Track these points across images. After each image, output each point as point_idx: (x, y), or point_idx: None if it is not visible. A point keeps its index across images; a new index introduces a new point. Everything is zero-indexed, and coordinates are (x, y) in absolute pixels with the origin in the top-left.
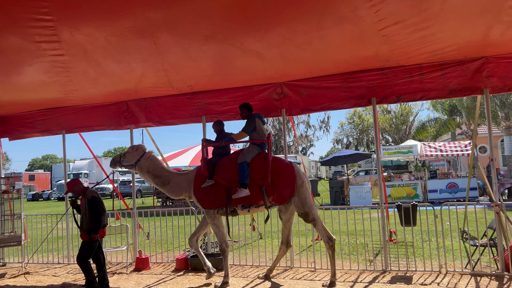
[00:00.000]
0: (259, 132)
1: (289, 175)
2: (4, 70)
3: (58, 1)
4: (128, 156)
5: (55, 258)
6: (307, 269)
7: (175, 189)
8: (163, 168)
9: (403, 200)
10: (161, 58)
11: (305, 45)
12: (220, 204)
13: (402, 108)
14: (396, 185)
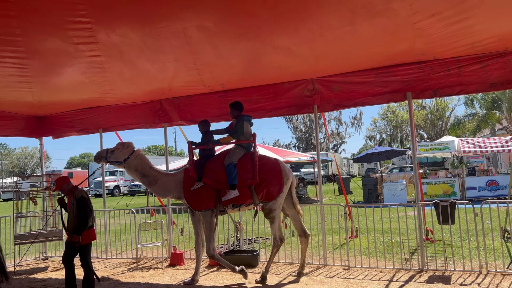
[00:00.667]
0: (246, 135)
1: (276, 173)
2: (45, 71)
3: (95, 4)
4: (117, 153)
5: (93, 252)
6: (341, 267)
7: (162, 189)
8: (151, 167)
9: (439, 198)
10: (194, 57)
11: (337, 40)
12: (210, 205)
13: (438, 103)
14: (432, 182)
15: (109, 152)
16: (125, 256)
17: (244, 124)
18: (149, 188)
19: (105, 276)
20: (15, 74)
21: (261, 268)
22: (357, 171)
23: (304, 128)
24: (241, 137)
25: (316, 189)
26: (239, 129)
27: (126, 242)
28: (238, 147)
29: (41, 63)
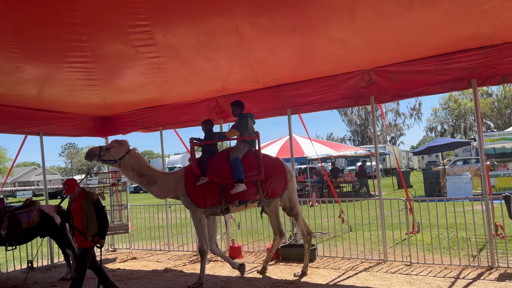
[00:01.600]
0: (249, 131)
1: (281, 170)
2: (109, 74)
3: (153, 6)
4: (112, 151)
5: (157, 245)
6: (402, 263)
7: (162, 189)
8: (149, 167)
9: (510, 191)
10: (247, 54)
11: (395, 28)
12: (215, 202)
13: (506, 90)
14: (501, 174)
15: (103, 150)
16: (186, 248)
17: (248, 121)
18: (147, 189)
19: (168, 267)
20: (83, 78)
21: (319, 263)
22: (417, 164)
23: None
24: (245, 133)
25: (374, 184)
26: (243, 124)
27: (187, 235)
28: (242, 143)
29: (106, 66)
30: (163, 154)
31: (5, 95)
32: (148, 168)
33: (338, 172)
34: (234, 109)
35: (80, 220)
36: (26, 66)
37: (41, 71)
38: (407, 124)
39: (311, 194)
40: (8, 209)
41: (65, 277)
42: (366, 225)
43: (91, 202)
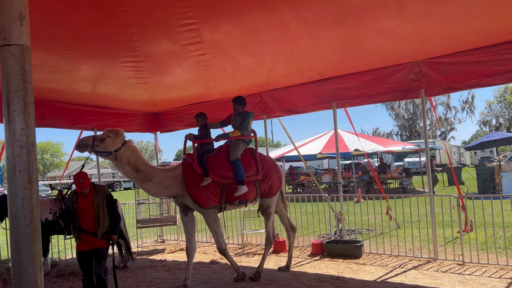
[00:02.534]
0: (248, 131)
1: (276, 169)
2: (158, 72)
3: (201, 5)
4: (107, 142)
5: (203, 237)
6: (454, 262)
7: (159, 187)
8: (145, 162)
9: None
10: (292, 48)
11: (446, 17)
12: (217, 202)
13: None
14: None
15: (97, 140)
16: (231, 241)
17: (250, 121)
18: (142, 186)
19: (215, 259)
20: (134, 76)
21: (365, 259)
22: (469, 160)
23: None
24: (245, 133)
25: (423, 180)
26: (246, 125)
27: (232, 229)
28: (241, 142)
29: (155, 65)
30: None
31: (63, 93)
32: (144, 163)
33: (386, 167)
34: (236, 106)
35: (91, 218)
36: (82, 66)
37: (96, 70)
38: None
39: (356, 190)
40: (66, 200)
41: (118, 266)
42: (414, 222)
43: (104, 196)
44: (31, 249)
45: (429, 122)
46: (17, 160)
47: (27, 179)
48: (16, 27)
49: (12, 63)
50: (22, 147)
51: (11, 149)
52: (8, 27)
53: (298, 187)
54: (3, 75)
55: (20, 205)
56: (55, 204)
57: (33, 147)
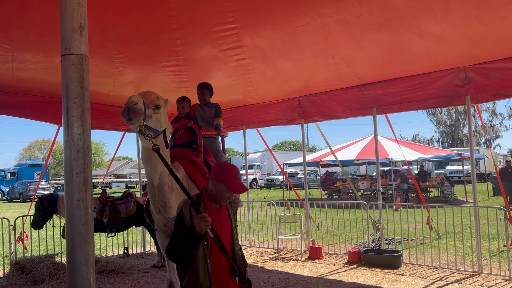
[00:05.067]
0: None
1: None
2: (199, 76)
3: (242, 9)
4: (161, 116)
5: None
6: (500, 277)
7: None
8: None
9: None
10: (332, 52)
11: (497, 21)
12: None
13: None
14: None
15: (150, 107)
16: (266, 245)
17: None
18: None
19: (250, 263)
20: (175, 81)
21: (404, 270)
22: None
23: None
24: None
25: (466, 189)
26: (220, 112)
27: (267, 233)
28: (217, 139)
29: (196, 69)
30: (245, 151)
31: (108, 97)
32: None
33: (426, 175)
34: (205, 94)
35: (229, 243)
36: (127, 70)
37: (140, 74)
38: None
39: (395, 198)
40: (109, 199)
41: (156, 265)
42: (457, 233)
43: (235, 212)
44: (85, 248)
45: (474, 129)
46: (74, 163)
47: (83, 181)
48: (76, 37)
49: (72, 72)
50: (79, 151)
51: (69, 153)
52: (68, 38)
53: (334, 193)
54: (64, 82)
55: (76, 205)
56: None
57: (88, 151)
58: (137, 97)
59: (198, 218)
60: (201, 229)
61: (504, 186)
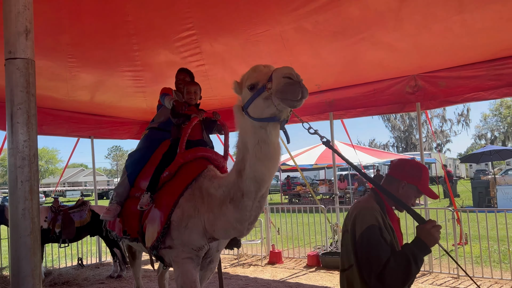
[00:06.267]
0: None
1: None
2: (157, 81)
3: (201, 16)
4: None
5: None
6: (449, 275)
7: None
8: None
9: None
10: (291, 59)
11: (444, 32)
12: None
13: None
14: None
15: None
16: (227, 252)
17: None
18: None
19: None
20: (132, 86)
21: None
22: (465, 173)
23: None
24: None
25: None
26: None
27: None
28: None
29: (154, 74)
30: None
31: (62, 101)
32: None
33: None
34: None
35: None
36: (81, 74)
37: (95, 78)
38: (454, 131)
39: (353, 201)
40: (62, 208)
41: (112, 275)
42: (410, 234)
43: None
44: (31, 260)
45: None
46: (19, 171)
47: (29, 190)
48: (21, 41)
49: (16, 76)
50: (25, 159)
51: (13, 160)
52: (13, 41)
53: (294, 198)
54: (8, 88)
55: (21, 215)
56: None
57: (35, 159)
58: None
59: (431, 227)
60: (433, 242)
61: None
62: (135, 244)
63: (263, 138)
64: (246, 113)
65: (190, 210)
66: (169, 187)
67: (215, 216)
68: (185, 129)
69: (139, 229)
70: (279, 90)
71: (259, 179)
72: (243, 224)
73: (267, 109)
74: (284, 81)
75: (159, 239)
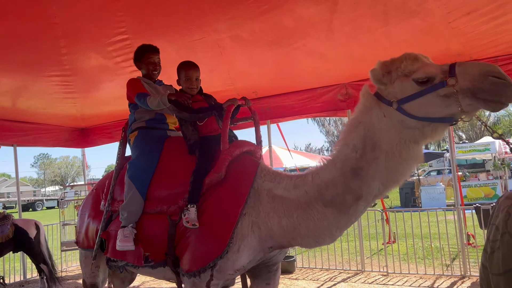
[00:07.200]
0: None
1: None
2: (88, 87)
3: (134, 21)
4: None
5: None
6: (379, 273)
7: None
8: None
9: (481, 201)
10: (228, 67)
11: (371, 42)
12: None
13: None
14: (473, 185)
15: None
16: None
17: None
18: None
19: (146, 281)
20: (61, 91)
21: (298, 274)
22: None
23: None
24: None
25: None
26: None
27: None
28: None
29: (84, 79)
30: None
31: None
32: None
33: None
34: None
35: None
36: (2, 79)
37: (18, 83)
38: None
39: None
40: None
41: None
42: (344, 235)
43: None
44: None
45: None
46: None
47: None
48: None
49: None
50: None
51: None
52: None
53: None
54: None
55: None
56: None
57: None
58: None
59: None
60: None
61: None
62: (150, 271)
63: (414, 137)
64: (400, 109)
65: (246, 227)
66: (220, 193)
67: (297, 222)
68: (225, 121)
69: (171, 251)
70: (484, 90)
71: (393, 182)
72: (342, 230)
73: (445, 108)
74: (493, 80)
75: (215, 261)
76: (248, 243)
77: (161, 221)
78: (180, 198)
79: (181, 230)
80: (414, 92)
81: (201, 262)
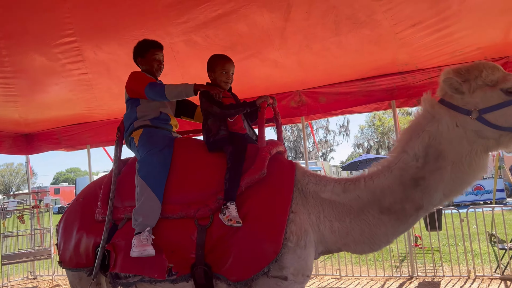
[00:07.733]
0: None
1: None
2: (32, 90)
3: (82, 23)
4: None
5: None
6: (332, 277)
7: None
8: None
9: None
10: (182, 72)
11: (323, 51)
12: None
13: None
14: None
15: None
16: None
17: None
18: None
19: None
20: (2, 94)
21: None
22: None
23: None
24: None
25: None
26: None
27: None
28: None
29: (28, 82)
30: (90, 172)
31: None
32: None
33: None
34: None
35: None
36: None
37: None
38: (337, 141)
39: None
40: None
41: None
42: None
43: None
44: None
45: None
46: None
47: None
48: None
49: None
50: None
51: None
52: None
53: None
54: None
55: None
56: None
57: None
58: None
59: None
60: None
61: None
62: (169, 287)
63: (487, 147)
64: (482, 118)
65: (305, 222)
66: (264, 191)
67: (350, 227)
68: (261, 117)
69: (201, 260)
70: None
71: (456, 192)
72: (395, 237)
73: None
74: None
75: (268, 267)
76: (311, 240)
77: (186, 226)
78: (211, 199)
79: (214, 235)
80: (501, 102)
81: (250, 270)
